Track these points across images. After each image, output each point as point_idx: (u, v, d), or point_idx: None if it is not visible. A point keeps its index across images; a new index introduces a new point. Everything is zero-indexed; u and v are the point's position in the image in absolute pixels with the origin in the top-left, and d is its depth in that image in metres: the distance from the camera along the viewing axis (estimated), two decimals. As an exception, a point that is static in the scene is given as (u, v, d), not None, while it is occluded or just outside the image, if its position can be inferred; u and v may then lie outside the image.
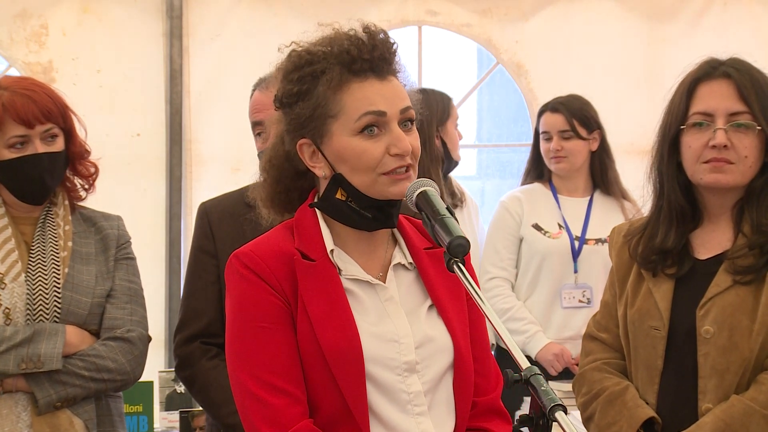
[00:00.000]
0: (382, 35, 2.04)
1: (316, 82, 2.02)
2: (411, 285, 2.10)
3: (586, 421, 2.62)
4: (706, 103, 2.50)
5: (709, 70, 2.51)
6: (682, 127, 2.53)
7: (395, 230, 2.13)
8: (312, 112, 2.02)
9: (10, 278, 2.84)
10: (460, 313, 2.09)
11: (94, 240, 2.98)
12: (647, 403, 2.52)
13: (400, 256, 2.11)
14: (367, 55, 2.00)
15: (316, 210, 2.08)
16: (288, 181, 2.12)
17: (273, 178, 2.13)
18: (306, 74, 2.03)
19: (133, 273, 3.02)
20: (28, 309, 2.83)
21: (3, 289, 2.83)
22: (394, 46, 2.05)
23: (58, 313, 2.85)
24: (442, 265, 1.89)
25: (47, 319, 2.84)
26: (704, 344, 2.45)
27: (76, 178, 3.01)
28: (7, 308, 2.82)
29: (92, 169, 3.02)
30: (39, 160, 2.86)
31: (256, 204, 2.18)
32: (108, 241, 2.99)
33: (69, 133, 2.93)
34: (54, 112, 2.87)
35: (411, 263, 2.11)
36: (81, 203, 3.04)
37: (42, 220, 2.93)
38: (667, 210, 2.57)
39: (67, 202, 2.98)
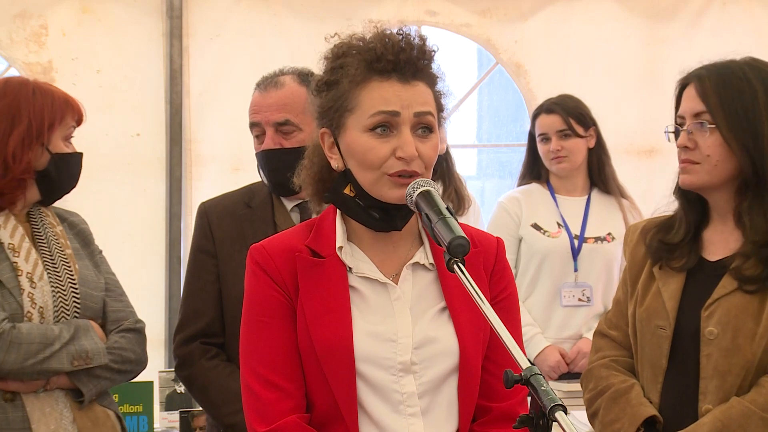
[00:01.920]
0: (417, 40, 2.05)
1: (343, 74, 2.04)
2: (428, 285, 2.09)
3: (592, 417, 2.63)
4: (681, 107, 2.55)
5: (688, 76, 2.56)
6: (671, 132, 2.58)
7: (422, 230, 2.13)
8: (334, 103, 2.05)
9: (37, 277, 2.83)
10: (478, 317, 2.06)
11: (72, 235, 2.99)
12: (651, 402, 2.52)
13: (421, 255, 2.10)
14: (392, 56, 2.01)
15: (337, 208, 2.10)
16: (324, 171, 2.13)
17: (312, 164, 2.15)
18: (337, 66, 2.05)
19: (108, 265, 3.06)
20: (53, 307, 2.83)
21: (34, 288, 2.81)
22: (429, 53, 2.06)
23: (78, 309, 2.86)
24: (468, 267, 1.86)
25: (68, 317, 2.84)
26: (707, 345, 2.45)
27: None
28: (41, 307, 2.80)
29: None
30: (81, 158, 2.96)
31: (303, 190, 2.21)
32: (85, 235, 3.02)
33: None
34: None
35: (432, 263, 2.10)
36: (72, 201, 3.09)
37: (35, 219, 2.92)
38: (679, 207, 2.61)
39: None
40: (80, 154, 2.95)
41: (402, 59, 2.01)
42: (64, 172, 2.91)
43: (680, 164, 2.52)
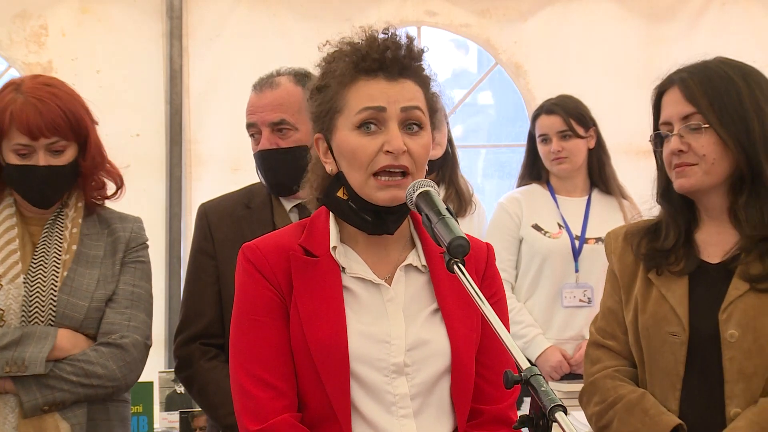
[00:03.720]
0: (403, 38, 2.06)
1: (332, 77, 2.05)
2: (421, 288, 2.10)
3: (602, 429, 2.57)
4: (665, 113, 2.54)
5: (667, 82, 2.56)
6: (662, 138, 2.56)
7: (414, 232, 2.14)
8: (324, 106, 2.06)
9: (8, 279, 2.81)
10: (470, 319, 2.08)
11: (104, 242, 2.94)
12: (668, 410, 2.48)
13: (414, 257, 2.11)
14: (377, 55, 2.02)
15: (330, 211, 2.10)
16: (325, 182, 2.13)
17: (315, 177, 2.15)
18: (327, 71, 2.07)
19: (140, 277, 2.95)
20: (23, 311, 2.80)
21: None
22: (415, 51, 2.06)
23: (53, 316, 2.82)
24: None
25: (42, 322, 2.81)
26: (729, 348, 2.43)
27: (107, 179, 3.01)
28: (1, 310, 2.79)
29: (115, 179, 3.03)
30: (37, 172, 2.83)
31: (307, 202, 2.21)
32: (118, 243, 2.95)
33: (83, 145, 2.91)
34: (61, 126, 2.83)
35: (424, 266, 2.11)
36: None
37: (51, 222, 2.91)
38: (666, 212, 2.59)
39: (80, 204, 2.94)
40: (43, 168, 2.83)
41: (387, 57, 2.02)
42: (22, 183, 2.86)
43: (675, 169, 2.51)
